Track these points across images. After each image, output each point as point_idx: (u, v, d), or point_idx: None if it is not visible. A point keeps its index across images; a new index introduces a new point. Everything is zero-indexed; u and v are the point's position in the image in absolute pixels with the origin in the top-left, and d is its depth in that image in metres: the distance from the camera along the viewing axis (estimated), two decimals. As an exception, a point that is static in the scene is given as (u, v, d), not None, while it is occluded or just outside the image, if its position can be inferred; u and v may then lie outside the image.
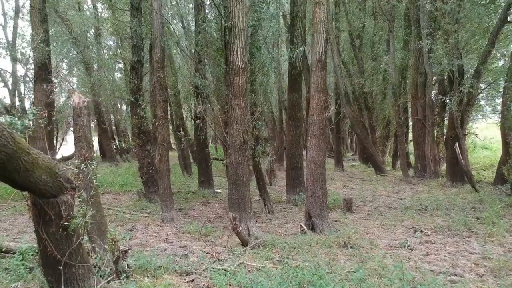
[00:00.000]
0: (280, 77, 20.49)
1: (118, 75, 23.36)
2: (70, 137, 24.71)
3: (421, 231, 8.17)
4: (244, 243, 6.69)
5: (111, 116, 26.01)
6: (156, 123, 8.77)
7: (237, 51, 7.39)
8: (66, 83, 19.86)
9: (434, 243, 7.26)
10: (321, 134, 7.79)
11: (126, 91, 15.07)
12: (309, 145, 7.88)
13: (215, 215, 9.82)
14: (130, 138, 18.39)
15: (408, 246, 6.93)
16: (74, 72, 21.95)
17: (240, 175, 7.52)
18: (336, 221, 9.23)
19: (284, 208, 10.84)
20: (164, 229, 8.27)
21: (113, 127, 27.01)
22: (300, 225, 7.71)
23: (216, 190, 12.75)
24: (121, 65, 21.24)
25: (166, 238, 7.59)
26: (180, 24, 15.65)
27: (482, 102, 19.19)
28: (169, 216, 8.84)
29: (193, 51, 11.18)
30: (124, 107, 26.84)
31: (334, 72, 19.26)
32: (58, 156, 25.79)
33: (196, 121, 10.71)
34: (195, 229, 8.03)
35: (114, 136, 26.46)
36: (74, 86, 20.85)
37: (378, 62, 19.27)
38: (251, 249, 6.55)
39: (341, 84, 18.16)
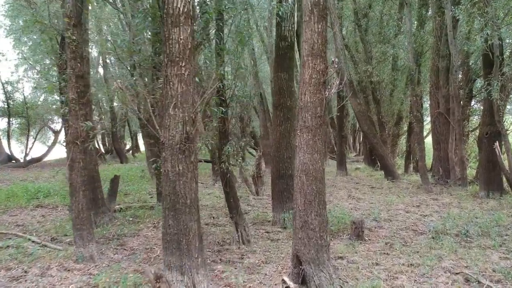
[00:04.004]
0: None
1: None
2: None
3: (478, 282, 5.13)
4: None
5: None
6: (67, 110, 5.72)
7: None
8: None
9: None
10: (317, 126, 4.73)
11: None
12: (298, 143, 4.82)
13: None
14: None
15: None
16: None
17: (181, 194, 4.46)
18: (340, 257, 6.17)
19: (267, 232, 7.77)
20: (68, 278, 5.21)
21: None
22: (283, 280, 4.64)
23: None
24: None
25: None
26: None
27: None
28: (86, 252, 5.78)
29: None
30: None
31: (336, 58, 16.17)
32: None
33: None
34: (115, 280, 4.98)
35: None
36: None
37: (388, 46, 16.16)
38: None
39: (345, 73, 15.07)
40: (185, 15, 4.40)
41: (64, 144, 7.79)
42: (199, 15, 4.88)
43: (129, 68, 5.26)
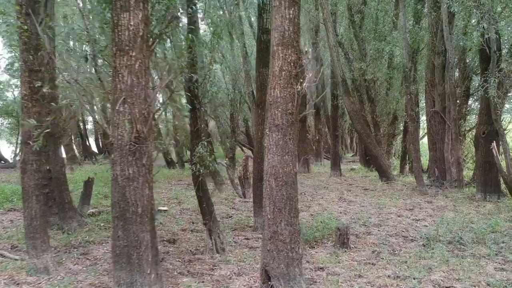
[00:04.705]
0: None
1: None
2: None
3: (470, 298, 4.61)
4: None
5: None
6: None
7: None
8: None
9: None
10: (288, 124, 4.20)
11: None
12: (267, 144, 4.30)
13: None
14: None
15: None
16: None
17: (132, 201, 3.94)
18: (321, 268, 5.64)
19: (247, 239, 7.24)
20: (14, 294, 4.69)
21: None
22: (247, 298, 4.12)
23: (159, 208, 9.15)
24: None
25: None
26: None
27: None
28: (40, 264, 5.26)
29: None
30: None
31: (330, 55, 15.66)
32: None
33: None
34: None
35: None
36: None
37: (383, 43, 15.62)
38: None
39: (338, 70, 14.54)
40: (136, -2, 3.87)
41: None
42: (156, -1, 4.35)
43: (85, 59, 4.73)
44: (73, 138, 21.80)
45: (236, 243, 6.99)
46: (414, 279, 5.18)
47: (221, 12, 5.83)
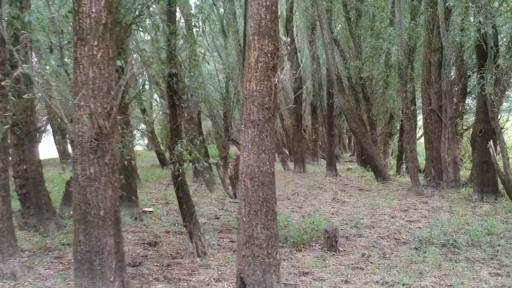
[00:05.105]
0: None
1: None
2: None
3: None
4: None
5: None
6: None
7: None
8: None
9: None
10: (265, 120, 3.90)
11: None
12: (242, 141, 4.00)
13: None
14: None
15: None
16: None
17: (93, 203, 3.64)
18: (305, 273, 5.34)
19: (232, 241, 6.93)
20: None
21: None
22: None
23: (144, 209, 8.84)
24: None
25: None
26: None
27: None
28: (7, 269, 4.96)
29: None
30: None
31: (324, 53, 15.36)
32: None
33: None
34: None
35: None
36: None
37: (379, 40, 15.30)
38: None
39: (333, 68, 14.24)
40: (97, -18, 3.57)
41: None
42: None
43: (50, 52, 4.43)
44: (66, 137, 21.46)
45: (220, 246, 6.69)
46: (403, 285, 4.89)
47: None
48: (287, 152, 25.99)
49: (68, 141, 22.87)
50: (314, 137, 23.98)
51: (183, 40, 5.37)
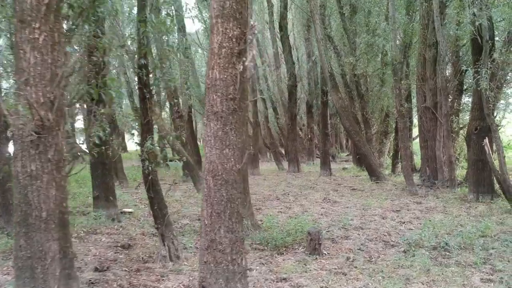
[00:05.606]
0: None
1: None
2: None
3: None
4: None
5: None
6: None
7: None
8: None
9: None
10: (229, 112, 3.52)
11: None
12: (205, 135, 3.62)
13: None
14: None
15: None
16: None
17: (35, 204, 3.26)
18: (283, 279, 4.96)
19: (210, 244, 6.55)
20: None
21: None
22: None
23: (124, 210, 8.46)
24: None
25: None
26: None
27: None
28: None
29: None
30: None
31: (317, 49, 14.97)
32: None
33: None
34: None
35: None
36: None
37: (376, 38, 14.92)
38: None
39: (325, 65, 13.87)
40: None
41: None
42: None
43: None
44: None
45: (198, 248, 6.31)
46: (388, 293, 4.51)
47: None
48: (283, 151, 25.64)
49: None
50: (309, 136, 23.59)
51: (153, 28, 4.99)
